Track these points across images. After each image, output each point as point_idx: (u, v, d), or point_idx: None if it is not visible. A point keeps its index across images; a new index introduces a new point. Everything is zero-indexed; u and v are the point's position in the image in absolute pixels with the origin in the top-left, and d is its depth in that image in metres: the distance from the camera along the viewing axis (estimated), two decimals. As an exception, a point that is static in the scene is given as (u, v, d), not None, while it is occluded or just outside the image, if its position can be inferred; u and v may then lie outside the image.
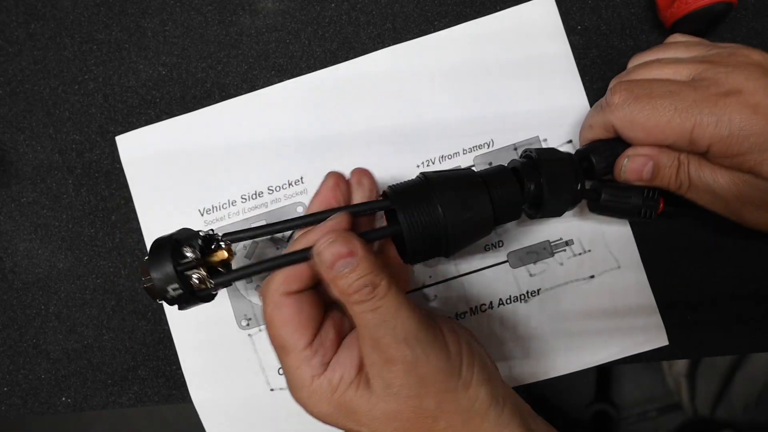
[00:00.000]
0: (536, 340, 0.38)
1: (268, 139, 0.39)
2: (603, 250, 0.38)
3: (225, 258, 0.30)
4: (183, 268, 0.29)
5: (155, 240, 0.29)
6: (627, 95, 0.32)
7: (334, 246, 0.27)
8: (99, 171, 0.40)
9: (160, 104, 0.40)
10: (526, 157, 0.34)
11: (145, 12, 0.40)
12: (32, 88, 0.41)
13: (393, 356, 0.27)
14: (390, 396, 0.27)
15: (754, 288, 0.38)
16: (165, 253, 0.28)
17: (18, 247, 0.40)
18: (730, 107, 0.29)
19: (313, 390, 0.28)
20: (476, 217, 0.30)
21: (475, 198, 0.30)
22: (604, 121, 0.33)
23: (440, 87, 0.39)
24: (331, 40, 0.40)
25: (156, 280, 0.28)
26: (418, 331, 0.27)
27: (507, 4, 0.39)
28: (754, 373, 0.82)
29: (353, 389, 0.28)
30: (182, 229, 0.30)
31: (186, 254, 0.29)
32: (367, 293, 0.27)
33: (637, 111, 0.31)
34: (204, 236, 0.30)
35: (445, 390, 0.28)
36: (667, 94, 0.31)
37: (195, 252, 0.29)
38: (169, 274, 0.28)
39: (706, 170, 0.32)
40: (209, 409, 0.39)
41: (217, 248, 0.30)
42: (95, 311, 0.40)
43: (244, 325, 0.39)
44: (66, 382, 0.40)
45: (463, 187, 0.30)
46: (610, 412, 0.96)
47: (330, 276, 0.27)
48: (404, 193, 0.30)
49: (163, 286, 0.28)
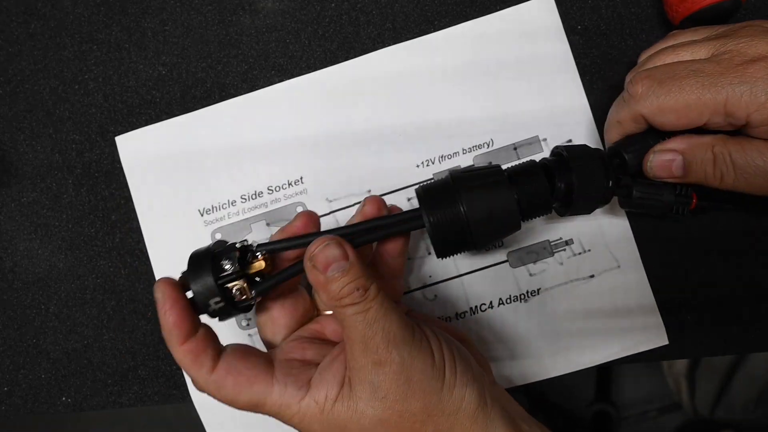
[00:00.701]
0: (536, 339, 0.38)
1: (268, 139, 0.39)
2: (603, 249, 0.38)
3: (262, 269, 0.30)
4: (223, 281, 0.29)
5: (192, 253, 0.29)
6: (650, 82, 0.31)
7: (327, 249, 0.27)
8: (99, 171, 0.40)
9: (160, 104, 0.40)
10: (556, 155, 0.33)
11: (145, 12, 0.40)
12: (32, 88, 0.41)
13: (383, 359, 0.27)
14: (377, 401, 0.27)
15: (754, 288, 0.38)
16: (205, 266, 0.28)
17: (18, 247, 0.40)
18: (760, 72, 0.29)
19: (303, 415, 0.28)
20: (499, 213, 0.30)
21: (498, 195, 0.30)
22: (632, 114, 0.32)
23: (440, 87, 0.39)
24: (331, 40, 0.40)
25: (197, 294, 0.28)
26: (405, 335, 0.28)
27: (507, 3, 0.39)
28: (754, 373, 0.82)
29: (340, 404, 0.28)
30: (218, 242, 0.30)
31: (225, 267, 0.29)
32: (359, 295, 0.27)
33: (664, 95, 0.30)
34: (240, 248, 0.30)
35: (431, 392, 0.28)
36: (691, 73, 0.30)
37: (234, 264, 0.29)
38: (211, 287, 0.28)
39: (752, 150, 0.30)
40: (209, 409, 0.39)
41: (253, 259, 0.30)
42: (95, 311, 0.40)
43: (244, 325, 0.39)
44: (66, 382, 0.40)
45: (488, 184, 0.31)
46: (610, 412, 0.96)
47: (322, 280, 0.27)
48: (429, 194, 0.31)
49: (205, 300, 0.29)
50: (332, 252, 0.27)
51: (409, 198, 0.38)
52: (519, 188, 0.31)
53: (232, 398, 0.29)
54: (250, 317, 0.39)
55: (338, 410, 0.28)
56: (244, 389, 0.28)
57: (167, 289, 0.28)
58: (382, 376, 0.27)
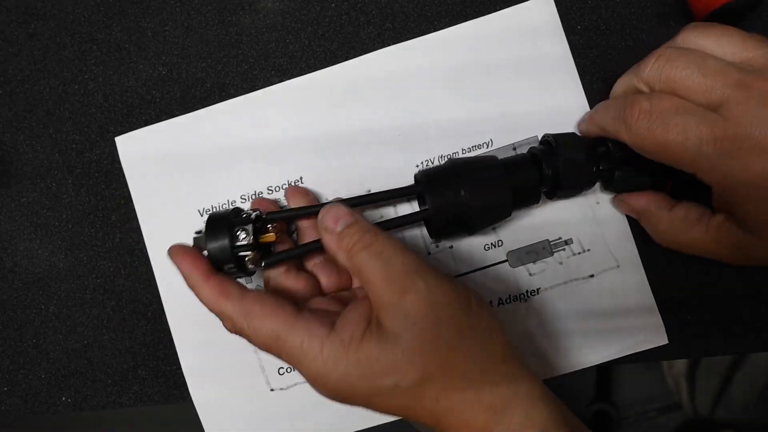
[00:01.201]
0: (536, 339, 0.38)
1: (268, 139, 0.39)
2: (602, 249, 0.38)
3: (272, 240, 0.33)
4: (238, 250, 0.31)
5: (211, 216, 0.32)
6: (648, 118, 0.30)
7: (332, 209, 0.30)
8: (99, 171, 0.40)
9: (160, 104, 0.40)
10: (545, 144, 0.36)
11: (145, 12, 0.40)
12: (32, 88, 0.41)
13: (407, 286, 0.27)
14: (408, 329, 0.27)
15: (754, 288, 0.38)
16: (222, 231, 0.31)
17: (18, 247, 0.40)
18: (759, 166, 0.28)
19: (327, 357, 0.27)
20: (497, 200, 0.33)
21: (496, 183, 0.33)
22: (616, 133, 0.32)
23: (440, 87, 0.39)
24: (331, 40, 0.40)
25: (213, 256, 0.31)
26: (424, 265, 0.28)
27: (506, 3, 0.39)
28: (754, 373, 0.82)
29: (367, 340, 0.27)
30: (234, 209, 0.33)
31: (240, 237, 0.31)
32: (370, 238, 0.29)
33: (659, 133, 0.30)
34: (254, 218, 0.32)
35: (462, 315, 0.28)
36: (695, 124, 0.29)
37: (249, 235, 0.31)
38: (227, 253, 0.31)
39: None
40: (209, 409, 0.39)
41: (264, 230, 0.33)
42: (95, 311, 0.40)
43: (244, 324, 0.39)
44: (66, 382, 0.40)
45: (486, 172, 0.33)
46: (610, 412, 0.96)
47: (335, 239, 0.29)
48: (433, 178, 0.33)
49: (219, 264, 0.31)
50: (337, 210, 0.30)
51: (409, 198, 0.38)
52: (513, 179, 0.33)
53: (256, 327, 0.29)
54: (250, 317, 0.39)
55: (366, 347, 0.27)
56: (269, 318, 0.29)
57: (180, 247, 0.31)
58: (410, 303, 0.27)
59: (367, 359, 0.27)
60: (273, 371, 0.39)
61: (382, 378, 0.27)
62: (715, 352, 0.38)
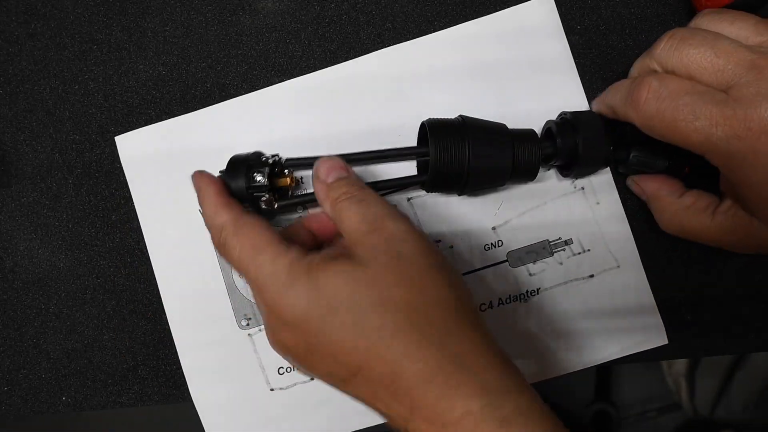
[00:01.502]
0: (536, 339, 0.38)
1: (268, 139, 0.39)
2: (602, 249, 0.38)
3: (288, 184, 0.35)
4: (254, 191, 0.33)
5: (232, 157, 0.34)
6: (657, 96, 0.30)
7: (328, 161, 0.32)
8: (99, 171, 0.40)
9: (160, 104, 0.40)
10: (563, 120, 0.36)
11: (145, 12, 0.40)
12: (32, 88, 0.41)
13: (379, 226, 0.28)
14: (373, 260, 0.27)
15: (754, 288, 0.38)
16: (240, 172, 0.33)
17: (18, 247, 0.40)
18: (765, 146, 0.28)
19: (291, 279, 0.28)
20: (497, 164, 0.34)
21: (500, 147, 0.34)
22: (624, 114, 0.32)
23: (440, 87, 0.39)
24: (331, 40, 0.40)
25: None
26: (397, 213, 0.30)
27: (506, 4, 0.39)
28: (754, 373, 0.82)
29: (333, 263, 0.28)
30: (256, 152, 0.35)
31: (257, 179, 0.33)
32: (357, 189, 0.30)
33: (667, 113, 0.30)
34: (272, 163, 0.34)
35: (426, 264, 0.28)
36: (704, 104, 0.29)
37: (265, 178, 0.33)
38: (243, 194, 0.33)
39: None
40: (209, 409, 0.39)
41: (281, 174, 0.35)
42: (95, 311, 0.40)
43: (244, 324, 0.39)
44: (66, 382, 0.40)
45: (493, 135, 0.34)
46: (610, 412, 0.96)
47: (325, 188, 0.31)
48: (441, 128, 0.34)
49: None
50: (332, 162, 0.32)
51: (409, 198, 0.38)
52: (516, 151, 0.34)
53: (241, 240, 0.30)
54: (251, 317, 0.39)
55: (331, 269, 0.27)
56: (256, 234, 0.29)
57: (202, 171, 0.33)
58: (377, 238, 0.28)
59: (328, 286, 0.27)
60: (273, 371, 0.39)
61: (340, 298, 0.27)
62: (715, 352, 0.38)
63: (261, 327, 0.39)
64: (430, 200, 0.38)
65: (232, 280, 0.39)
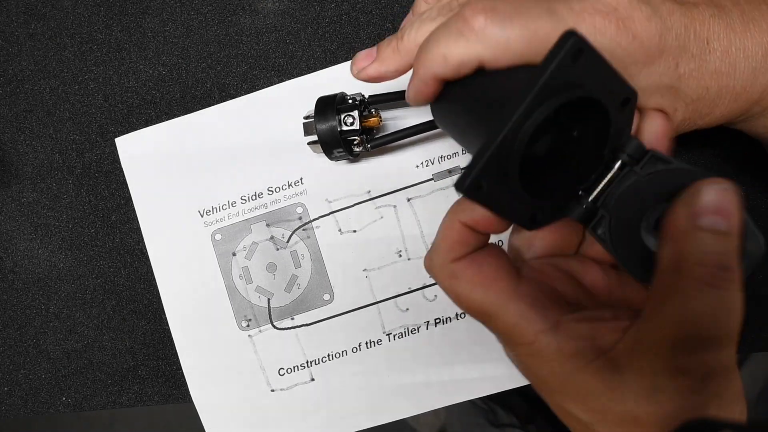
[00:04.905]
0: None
1: (268, 139, 0.39)
2: (603, 250, 0.38)
3: (377, 124, 0.35)
4: (346, 135, 0.33)
5: (320, 99, 0.34)
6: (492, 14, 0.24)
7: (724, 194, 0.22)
8: (99, 171, 0.40)
9: (160, 104, 0.40)
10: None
11: (145, 12, 0.40)
12: (32, 88, 0.41)
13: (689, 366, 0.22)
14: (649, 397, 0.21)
15: (754, 288, 0.38)
16: (331, 117, 0.33)
17: (18, 247, 0.40)
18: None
19: (536, 349, 0.23)
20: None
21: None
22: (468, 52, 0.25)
23: (440, 87, 0.39)
24: (331, 40, 0.40)
25: (322, 138, 0.33)
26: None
27: None
28: (754, 373, 0.82)
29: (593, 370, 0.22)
30: (340, 93, 0.35)
31: (347, 122, 0.33)
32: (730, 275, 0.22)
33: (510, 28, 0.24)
34: (359, 103, 0.34)
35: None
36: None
37: (355, 119, 0.33)
38: (336, 137, 0.33)
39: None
40: (209, 409, 0.39)
41: (369, 115, 0.35)
42: (95, 311, 0.40)
43: (244, 326, 0.39)
44: (66, 382, 0.40)
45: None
46: (610, 412, 0.95)
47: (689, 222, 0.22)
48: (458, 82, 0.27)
49: (328, 147, 0.34)
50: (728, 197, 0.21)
51: (409, 198, 0.38)
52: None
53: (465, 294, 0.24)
54: (251, 318, 0.39)
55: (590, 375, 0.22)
56: (478, 289, 0.24)
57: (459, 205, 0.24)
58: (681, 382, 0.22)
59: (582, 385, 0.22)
60: (273, 371, 0.39)
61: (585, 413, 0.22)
62: (715, 353, 0.38)
63: (261, 328, 0.39)
64: (431, 200, 0.38)
65: (232, 281, 0.39)
